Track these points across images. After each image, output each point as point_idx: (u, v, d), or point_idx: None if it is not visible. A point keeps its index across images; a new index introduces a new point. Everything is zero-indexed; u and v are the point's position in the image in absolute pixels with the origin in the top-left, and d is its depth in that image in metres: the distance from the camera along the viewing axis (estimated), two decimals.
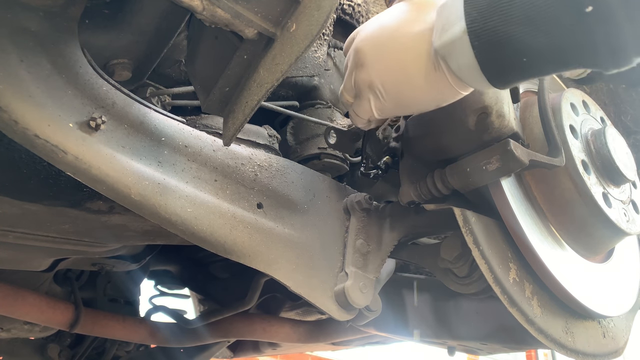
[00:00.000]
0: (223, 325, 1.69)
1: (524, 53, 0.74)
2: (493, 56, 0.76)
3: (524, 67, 0.76)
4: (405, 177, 1.06)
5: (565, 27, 0.70)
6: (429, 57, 0.83)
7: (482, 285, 1.01)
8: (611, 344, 1.09)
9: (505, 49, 0.74)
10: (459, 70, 0.80)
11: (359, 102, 0.94)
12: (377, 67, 0.89)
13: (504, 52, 0.75)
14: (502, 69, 0.77)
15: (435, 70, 0.83)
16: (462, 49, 0.77)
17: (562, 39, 0.71)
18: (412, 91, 0.87)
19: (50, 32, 0.80)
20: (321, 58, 1.36)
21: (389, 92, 0.89)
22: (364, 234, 1.09)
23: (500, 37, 0.74)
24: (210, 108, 0.89)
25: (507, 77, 0.78)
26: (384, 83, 0.88)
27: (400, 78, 0.87)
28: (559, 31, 0.70)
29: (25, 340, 1.88)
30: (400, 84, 0.87)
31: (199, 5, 0.71)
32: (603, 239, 1.08)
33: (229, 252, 0.93)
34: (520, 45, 0.73)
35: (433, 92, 0.86)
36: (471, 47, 0.76)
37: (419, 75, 0.84)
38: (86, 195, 1.02)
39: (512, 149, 0.90)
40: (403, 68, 0.86)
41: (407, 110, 0.93)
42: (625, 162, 1.08)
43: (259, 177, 1.03)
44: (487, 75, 0.78)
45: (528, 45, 0.73)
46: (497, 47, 0.74)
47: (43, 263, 1.39)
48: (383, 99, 0.90)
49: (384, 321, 1.36)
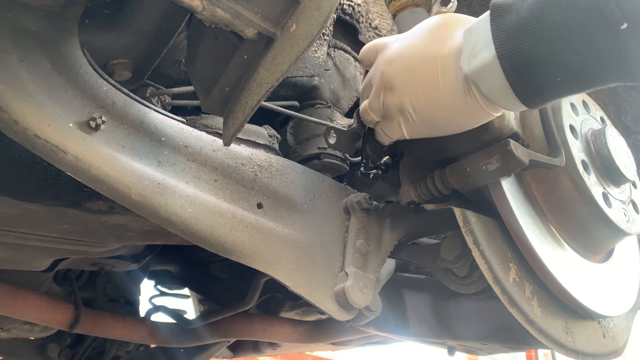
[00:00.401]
0: (223, 325, 1.69)
1: (558, 73, 0.73)
2: (525, 78, 0.75)
3: (558, 87, 0.75)
4: (405, 177, 1.06)
5: (599, 46, 0.69)
6: (459, 81, 0.82)
7: (482, 285, 1.01)
8: (611, 344, 1.09)
9: (537, 70, 0.74)
10: (490, 94, 0.80)
11: (389, 123, 0.94)
12: (408, 91, 0.88)
13: (536, 74, 0.74)
14: (535, 90, 0.77)
15: (466, 95, 0.82)
16: (492, 74, 0.77)
17: (596, 57, 0.70)
18: (444, 115, 0.87)
19: (50, 32, 0.80)
20: (321, 58, 1.36)
21: (420, 116, 0.89)
22: (364, 234, 1.09)
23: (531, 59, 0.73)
24: (210, 108, 0.89)
25: (540, 97, 0.78)
26: (415, 107, 0.88)
27: (431, 102, 0.87)
28: (593, 50, 0.70)
29: (25, 340, 1.88)
30: (432, 108, 0.87)
31: (199, 5, 0.71)
32: (603, 239, 1.08)
33: (229, 252, 0.93)
34: (552, 66, 0.73)
35: (465, 115, 0.86)
36: (502, 70, 0.75)
37: (451, 99, 0.84)
38: (86, 195, 1.02)
39: (512, 149, 0.90)
40: (434, 92, 0.86)
41: (437, 132, 0.92)
42: (625, 162, 1.08)
43: (259, 177, 1.03)
44: (520, 98, 0.77)
45: (561, 66, 0.72)
46: (529, 69, 0.74)
47: (43, 263, 1.39)
48: (414, 121, 0.90)
49: (384, 321, 1.36)
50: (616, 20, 0.67)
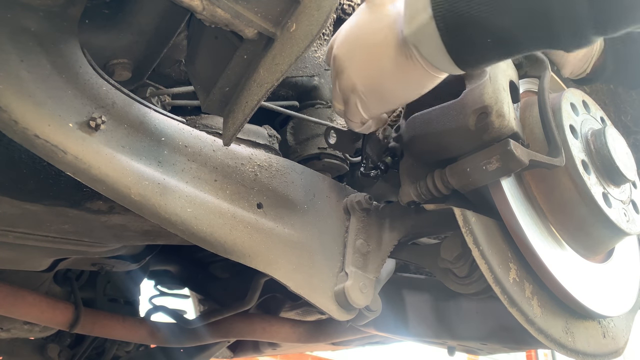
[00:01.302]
0: (223, 325, 1.69)
1: (488, 34, 0.75)
2: (458, 39, 0.77)
3: (489, 48, 0.77)
4: (405, 177, 1.06)
5: (526, 7, 0.71)
6: (399, 48, 0.83)
7: (482, 285, 1.01)
8: (611, 344, 1.09)
9: (469, 30, 0.76)
10: (430, 56, 0.81)
11: (348, 107, 0.95)
12: (354, 69, 0.89)
13: (468, 34, 0.76)
14: (467, 51, 0.78)
15: (408, 59, 0.83)
16: (430, 34, 0.78)
17: (525, 18, 0.72)
18: (390, 84, 0.87)
19: (50, 32, 0.80)
20: (321, 58, 1.36)
21: (370, 90, 0.89)
22: (364, 234, 1.09)
23: (464, 19, 0.75)
24: (210, 108, 0.89)
25: (472, 58, 0.80)
26: (363, 82, 0.89)
27: (376, 74, 0.87)
28: (521, 10, 0.72)
29: (25, 340, 1.88)
30: (378, 80, 0.88)
31: (199, 5, 0.72)
32: (603, 239, 1.08)
33: (229, 252, 0.93)
34: (483, 26, 0.74)
35: (410, 82, 0.87)
36: (437, 30, 0.77)
37: (393, 67, 0.85)
38: (86, 195, 1.02)
39: (512, 149, 0.90)
40: (377, 63, 0.87)
41: (391, 104, 0.93)
42: (625, 162, 1.08)
43: (259, 177, 1.03)
44: (453, 58, 0.79)
45: (491, 26, 0.74)
46: (461, 29, 0.76)
47: (43, 263, 1.39)
48: (367, 98, 0.90)
49: (384, 321, 1.36)
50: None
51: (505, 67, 0.97)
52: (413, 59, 0.83)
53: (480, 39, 0.76)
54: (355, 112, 0.94)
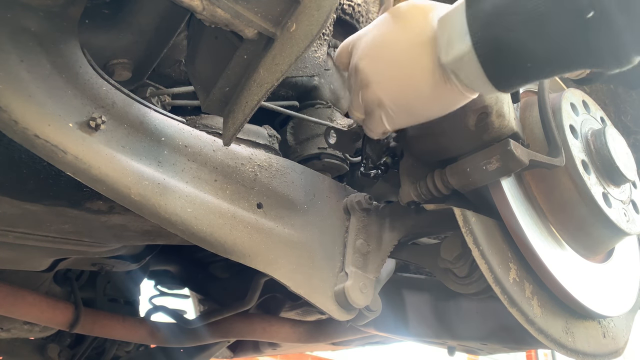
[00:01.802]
0: (223, 325, 1.69)
1: (528, 59, 0.76)
2: (498, 65, 0.78)
3: (529, 72, 0.78)
4: (405, 177, 1.06)
5: (568, 33, 0.72)
6: (436, 70, 0.84)
7: (482, 285, 1.01)
8: (611, 344, 1.09)
9: (509, 57, 0.76)
10: (469, 82, 0.82)
11: (371, 119, 0.95)
12: (384, 85, 0.89)
13: (508, 60, 0.77)
14: (507, 75, 0.79)
15: (446, 83, 0.84)
16: (470, 63, 0.79)
17: (565, 43, 0.73)
18: (422, 103, 0.88)
19: (50, 32, 0.80)
20: (321, 58, 1.36)
21: (399, 107, 0.90)
22: (364, 234, 1.09)
23: (503, 46, 0.76)
24: (210, 108, 0.89)
25: (511, 82, 0.81)
26: (394, 99, 0.89)
27: (409, 93, 0.88)
28: (562, 36, 0.72)
29: (25, 340, 1.88)
30: (410, 98, 0.88)
31: (199, 5, 0.72)
32: (603, 238, 1.08)
33: (229, 252, 0.93)
34: (523, 52, 0.75)
35: (444, 102, 0.88)
36: (477, 57, 0.77)
37: (428, 88, 0.85)
38: (86, 195, 1.02)
39: (512, 149, 0.90)
40: (411, 83, 0.87)
41: (419, 119, 0.93)
42: (625, 162, 1.08)
43: (259, 177, 1.03)
44: (493, 83, 0.79)
45: (531, 51, 0.75)
46: (501, 55, 0.76)
47: (43, 263, 1.39)
48: (394, 113, 0.91)
49: (384, 321, 1.36)
50: (583, 8, 0.69)
51: None
52: (451, 83, 0.84)
53: (520, 63, 0.77)
54: (378, 125, 0.94)
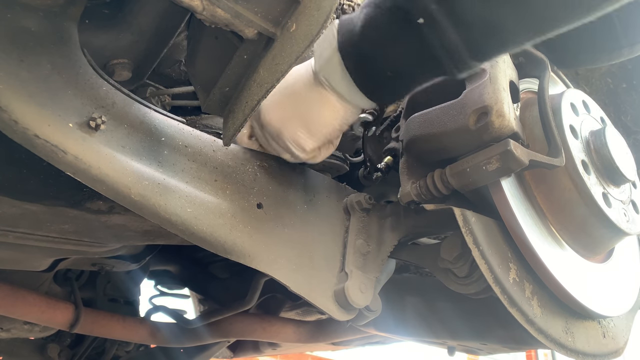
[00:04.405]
0: (223, 325, 1.70)
1: (386, 67, 0.84)
2: (361, 70, 0.86)
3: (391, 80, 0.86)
4: (405, 177, 1.06)
5: (406, 42, 0.79)
6: (312, 81, 0.92)
7: (482, 285, 1.01)
8: (611, 344, 1.09)
9: (369, 62, 0.85)
10: (340, 87, 0.90)
11: (289, 153, 1.01)
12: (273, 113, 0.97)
13: (369, 66, 0.86)
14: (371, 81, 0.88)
15: (321, 91, 0.92)
16: (336, 66, 0.88)
17: (407, 51, 0.80)
18: (309, 116, 0.95)
19: (50, 32, 0.80)
20: None
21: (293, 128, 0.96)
22: (364, 234, 1.09)
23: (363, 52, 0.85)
24: (210, 108, 0.89)
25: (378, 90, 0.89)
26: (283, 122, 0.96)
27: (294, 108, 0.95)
28: (401, 44, 0.80)
29: (25, 340, 1.88)
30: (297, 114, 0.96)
31: (199, 5, 0.72)
32: (603, 239, 1.08)
33: (229, 252, 0.93)
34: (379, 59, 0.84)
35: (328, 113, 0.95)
36: (342, 61, 0.86)
37: (309, 99, 0.94)
38: (86, 195, 1.02)
39: (512, 149, 0.90)
40: (293, 99, 0.95)
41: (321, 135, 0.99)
42: (625, 162, 1.08)
43: (259, 177, 1.03)
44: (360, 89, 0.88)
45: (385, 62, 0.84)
46: (362, 60, 0.86)
47: (43, 263, 1.39)
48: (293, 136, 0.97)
49: (384, 321, 1.36)
50: (412, 16, 0.76)
51: (505, 67, 0.97)
52: (327, 91, 0.91)
53: (380, 71, 0.85)
54: (297, 154, 1.00)
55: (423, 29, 0.75)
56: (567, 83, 1.25)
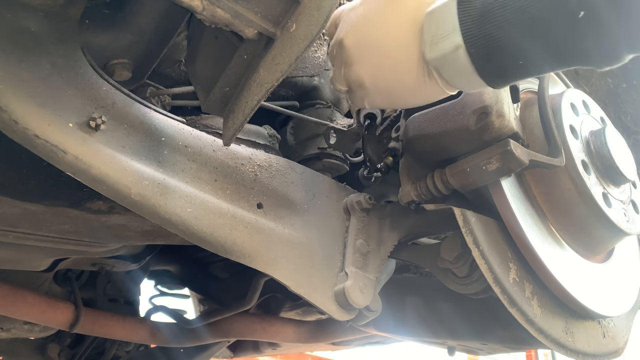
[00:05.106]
0: (223, 325, 1.69)
1: (520, 56, 0.77)
2: (490, 62, 0.78)
3: (521, 69, 0.79)
4: (405, 177, 1.06)
5: (559, 32, 0.73)
6: (420, 64, 0.84)
7: (482, 285, 1.01)
8: (611, 344, 1.09)
9: (501, 54, 0.77)
10: (451, 79, 0.83)
11: (352, 95, 0.95)
12: (365, 67, 0.89)
13: (500, 57, 0.77)
14: (499, 72, 0.80)
15: (427, 77, 0.84)
16: (455, 60, 0.79)
17: (557, 42, 0.74)
18: (403, 93, 0.88)
19: (50, 32, 0.80)
20: (321, 58, 1.36)
21: (380, 91, 0.90)
22: (364, 234, 1.09)
23: (496, 43, 0.76)
24: (210, 108, 0.89)
25: (504, 79, 0.81)
26: (375, 84, 0.89)
27: (392, 82, 0.88)
28: (553, 35, 0.74)
29: (25, 340, 1.88)
30: (392, 87, 0.88)
31: (199, 5, 0.72)
32: (603, 239, 1.08)
33: (229, 252, 0.93)
34: (515, 49, 0.76)
35: (424, 94, 0.88)
36: (468, 55, 0.78)
37: (411, 81, 0.86)
38: (86, 195, 1.02)
39: (512, 149, 0.90)
40: (394, 72, 0.87)
41: (397, 105, 0.99)
42: (625, 162, 1.08)
43: (259, 177, 1.03)
44: (485, 80, 0.80)
45: (523, 49, 0.76)
46: (494, 53, 0.77)
47: (43, 263, 1.39)
48: (374, 96, 0.91)
49: (384, 321, 1.36)
50: (574, 8, 0.70)
51: None
52: (432, 78, 0.84)
53: (513, 61, 0.78)
54: (358, 102, 0.95)
55: (581, 22, 0.71)
56: (567, 83, 1.24)
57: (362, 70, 0.89)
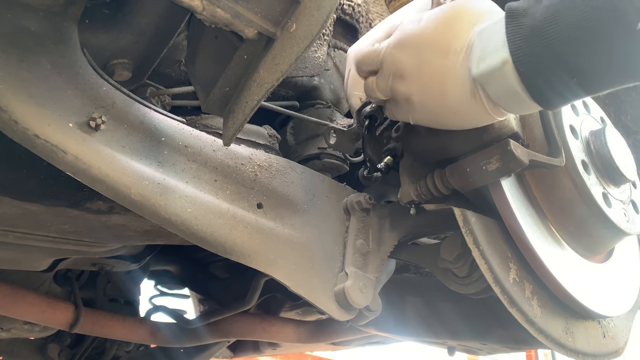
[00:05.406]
0: (223, 325, 1.70)
1: (574, 74, 0.73)
2: (541, 81, 0.75)
3: (575, 88, 0.75)
4: (405, 177, 1.06)
5: (615, 45, 0.69)
6: (465, 82, 0.82)
7: (482, 285, 1.01)
8: (611, 344, 1.09)
9: (553, 72, 0.74)
10: (497, 98, 0.80)
11: (396, 107, 0.93)
12: (417, 85, 0.87)
13: (552, 76, 0.74)
14: (551, 92, 0.76)
15: (473, 97, 0.82)
16: (502, 78, 0.77)
17: (613, 57, 0.71)
18: (448, 113, 0.87)
19: (50, 32, 0.80)
20: (321, 58, 1.36)
21: (425, 109, 0.88)
22: (364, 234, 1.09)
23: (547, 61, 0.73)
24: (210, 108, 0.89)
25: (557, 99, 0.78)
26: (423, 102, 0.88)
27: (438, 100, 0.86)
28: (609, 49, 0.70)
29: (25, 340, 1.88)
30: (438, 106, 0.87)
31: (199, 5, 0.72)
32: (603, 239, 1.08)
33: (229, 252, 0.93)
34: (569, 67, 0.73)
35: (468, 116, 0.86)
36: (516, 72, 0.75)
37: (456, 100, 0.84)
38: (86, 195, 1.02)
39: (512, 149, 0.90)
40: (442, 91, 0.85)
41: (441, 126, 0.93)
42: (625, 162, 1.08)
43: (259, 177, 1.03)
44: (537, 100, 0.77)
45: (577, 66, 0.72)
46: (545, 71, 0.74)
47: (43, 263, 1.39)
48: (419, 112, 0.90)
49: (384, 321, 1.36)
50: (631, 19, 0.67)
51: None
52: (477, 98, 0.82)
53: (566, 80, 0.74)
54: (402, 116, 0.94)
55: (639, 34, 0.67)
56: None
57: (413, 84, 0.87)
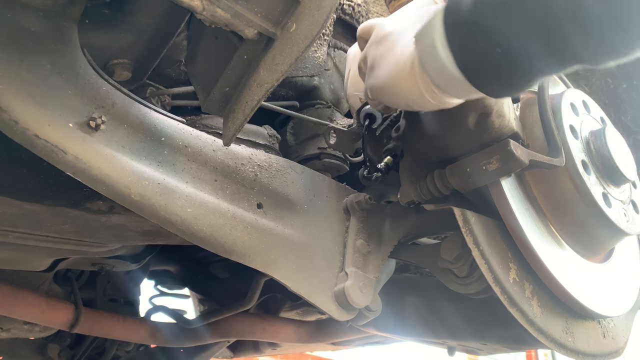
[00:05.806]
0: (223, 325, 1.69)
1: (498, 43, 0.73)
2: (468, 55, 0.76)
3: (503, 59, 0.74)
4: (405, 177, 1.06)
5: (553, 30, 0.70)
6: (412, 68, 0.83)
7: (482, 285, 1.01)
8: (611, 344, 1.09)
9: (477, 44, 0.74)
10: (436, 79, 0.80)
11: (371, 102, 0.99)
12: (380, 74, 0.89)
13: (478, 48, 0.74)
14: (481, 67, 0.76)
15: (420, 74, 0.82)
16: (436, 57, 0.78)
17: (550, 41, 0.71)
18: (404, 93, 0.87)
19: (50, 32, 0.80)
20: (321, 58, 1.36)
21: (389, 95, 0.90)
22: (364, 234, 1.09)
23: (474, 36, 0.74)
24: (210, 108, 0.89)
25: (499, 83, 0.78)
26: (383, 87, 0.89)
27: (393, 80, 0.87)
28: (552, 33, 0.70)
29: (25, 340, 1.88)
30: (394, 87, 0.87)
31: (199, 5, 0.72)
32: (603, 239, 1.08)
33: (229, 252, 0.93)
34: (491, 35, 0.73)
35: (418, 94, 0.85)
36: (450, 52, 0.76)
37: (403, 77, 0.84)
38: (86, 195, 1.02)
39: (512, 149, 0.90)
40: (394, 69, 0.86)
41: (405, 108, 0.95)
42: (625, 162, 1.08)
43: (259, 177, 1.03)
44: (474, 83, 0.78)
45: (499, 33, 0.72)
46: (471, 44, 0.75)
47: (43, 263, 1.39)
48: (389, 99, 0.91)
49: (384, 321, 1.36)
50: None
51: None
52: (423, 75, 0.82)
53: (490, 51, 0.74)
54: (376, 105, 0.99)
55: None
56: (567, 83, 1.24)
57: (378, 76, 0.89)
